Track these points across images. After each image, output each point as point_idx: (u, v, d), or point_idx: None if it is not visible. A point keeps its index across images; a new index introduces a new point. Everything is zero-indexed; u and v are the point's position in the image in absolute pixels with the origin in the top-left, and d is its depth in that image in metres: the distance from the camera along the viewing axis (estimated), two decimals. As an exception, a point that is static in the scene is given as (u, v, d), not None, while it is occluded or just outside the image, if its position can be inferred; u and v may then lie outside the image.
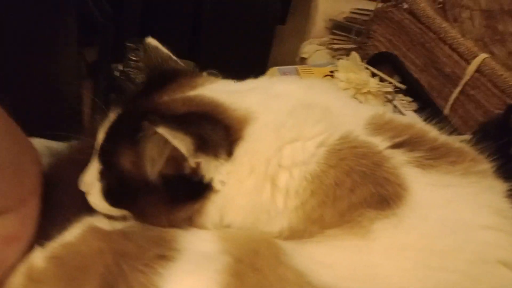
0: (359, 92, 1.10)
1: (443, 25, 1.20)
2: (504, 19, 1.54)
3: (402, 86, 1.29)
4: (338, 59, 1.16)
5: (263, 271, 0.33)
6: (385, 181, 0.37)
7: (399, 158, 0.39)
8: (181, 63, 0.50)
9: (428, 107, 1.24)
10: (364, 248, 0.34)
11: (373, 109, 0.48)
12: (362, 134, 0.41)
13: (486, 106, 1.04)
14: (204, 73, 0.52)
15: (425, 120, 1.30)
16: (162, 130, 0.34)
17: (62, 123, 0.90)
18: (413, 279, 0.32)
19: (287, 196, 0.38)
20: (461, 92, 1.14)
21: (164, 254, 0.34)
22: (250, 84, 0.46)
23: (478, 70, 1.10)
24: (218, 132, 0.38)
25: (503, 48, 1.54)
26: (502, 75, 1.02)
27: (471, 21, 1.48)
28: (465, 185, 0.37)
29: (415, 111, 1.21)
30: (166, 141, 0.35)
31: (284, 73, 1.22)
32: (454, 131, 0.70)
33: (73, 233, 0.39)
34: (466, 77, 1.11)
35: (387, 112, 0.47)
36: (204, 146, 0.37)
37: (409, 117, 1.16)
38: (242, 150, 0.38)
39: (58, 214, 0.42)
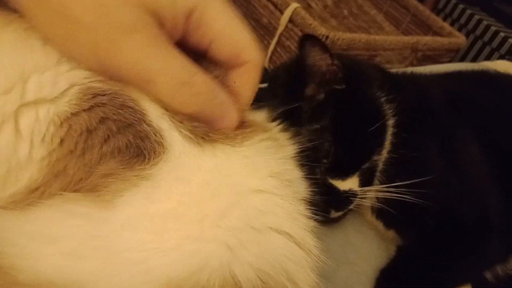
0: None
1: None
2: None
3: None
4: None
5: None
6: (145, 135, 0.30)
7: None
8: None
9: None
10: (102, 216, 0.26)
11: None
12: None
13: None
14: None
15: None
16: None
17: None
18: (156, 252, 0.26)
19: (31, 142, 0.28)
20: (278, 43, 1.15)
21: None
22: None
23: (291, 20, 1.12)
24: None
25: (319, 1, 1.61)
26: (311, 24, 1.04)
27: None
28: (239, 147, 0.32)
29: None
30: None
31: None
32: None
33: None
34: (281, 28, 1.12)
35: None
36: None
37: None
38: None
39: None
